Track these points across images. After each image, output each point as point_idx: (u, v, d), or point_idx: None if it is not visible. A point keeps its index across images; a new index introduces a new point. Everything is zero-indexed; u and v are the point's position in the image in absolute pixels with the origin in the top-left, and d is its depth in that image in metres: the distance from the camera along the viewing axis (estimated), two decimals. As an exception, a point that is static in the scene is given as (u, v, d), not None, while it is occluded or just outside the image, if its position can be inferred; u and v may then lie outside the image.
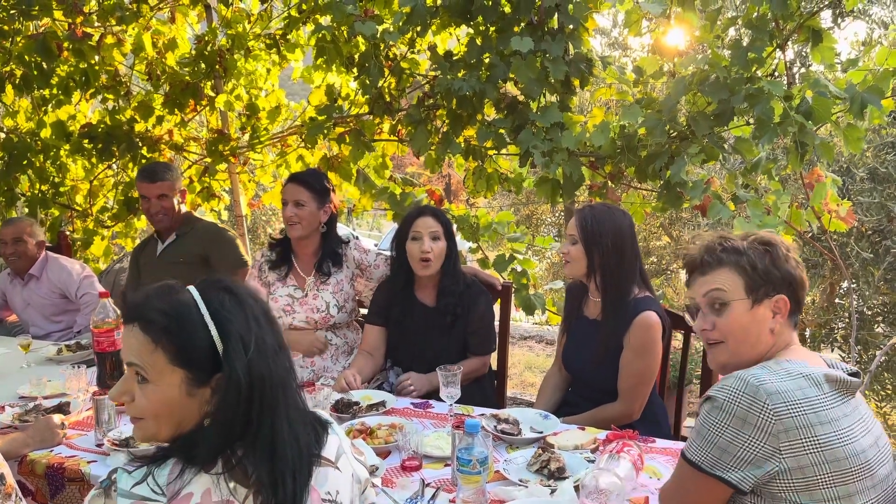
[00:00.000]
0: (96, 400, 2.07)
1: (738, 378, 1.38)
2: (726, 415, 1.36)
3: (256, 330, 1.16)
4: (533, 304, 3.48)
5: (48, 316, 3.63)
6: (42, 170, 4.20)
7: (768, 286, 1.50)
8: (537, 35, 3.01)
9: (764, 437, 1.33)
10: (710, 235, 1.60)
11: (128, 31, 4.01)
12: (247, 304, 1.18)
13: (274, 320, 1.23)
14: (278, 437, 1.14)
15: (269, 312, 1.22)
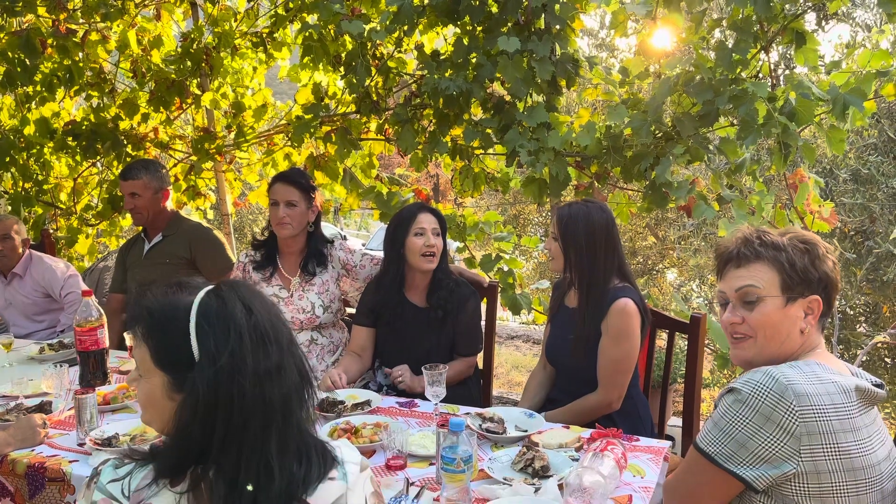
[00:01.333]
0: (78, 399, 2.05)
1: (767, 374, 1.35)
2: (750, 409, 1.33)
3: (236, 347, 1.06)
4: (519, 303, 3.49)
5: (30, 315, 3.59)
6: (25, 167, 4.17)
7: (804, 286, 1.46)
8: (524, 35, 3.02)
9: (786, 437, 1.31)
10: (748, 229, 1.54)
11: (112, 28, 3.98)
12: (234, 318, 1.07)
13: (276, 340, 1.10)
14: (241, 470, 1.03)
15: (266, 332, 1.10)
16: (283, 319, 1.15)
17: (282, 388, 1.08)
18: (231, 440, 1.04)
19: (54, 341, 3.09)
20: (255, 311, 1.10)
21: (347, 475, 1.13)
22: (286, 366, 1.10)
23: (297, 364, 1.13)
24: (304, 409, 1.12)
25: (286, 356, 1.11)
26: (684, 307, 3.95)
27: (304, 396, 1.12)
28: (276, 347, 1.10)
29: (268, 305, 1.14)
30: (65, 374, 2.37)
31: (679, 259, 6.42)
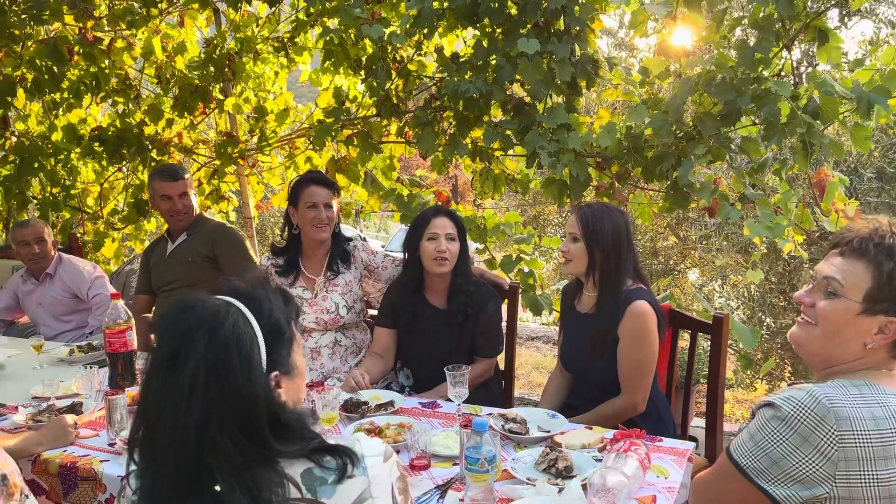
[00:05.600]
0: (109, 400, 2.09)
1: (810, 394, 1.31)
2: (788, 428, 1.30)
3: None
4: (540, 304, 3.49)
5: (58, 315, 3.66)
6: (53, 173, 4.25)
7: (890, 304, 1.36)
8: (543, 37, 3.02)
9: (822, 460, 1.28)
10: (884, 223, 1.42)
11: (137, 35, 4.05)
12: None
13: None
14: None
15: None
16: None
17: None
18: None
19: (83, 343, 3.15)
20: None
21: (368, 469, 1.14)
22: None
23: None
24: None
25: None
26: (708, 307, 3.92)
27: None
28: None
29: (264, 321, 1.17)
30: (94, 376, 2.41)
31: (701, 259, 6.37)
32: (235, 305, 1.13)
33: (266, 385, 1.11)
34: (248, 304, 1.14)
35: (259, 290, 1.19)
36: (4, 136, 4.36)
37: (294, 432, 1.11)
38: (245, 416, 1.07)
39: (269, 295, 1.20)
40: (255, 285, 1.20)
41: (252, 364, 1.10)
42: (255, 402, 1.08)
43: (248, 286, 1.19)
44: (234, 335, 1.09)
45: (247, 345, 1.10)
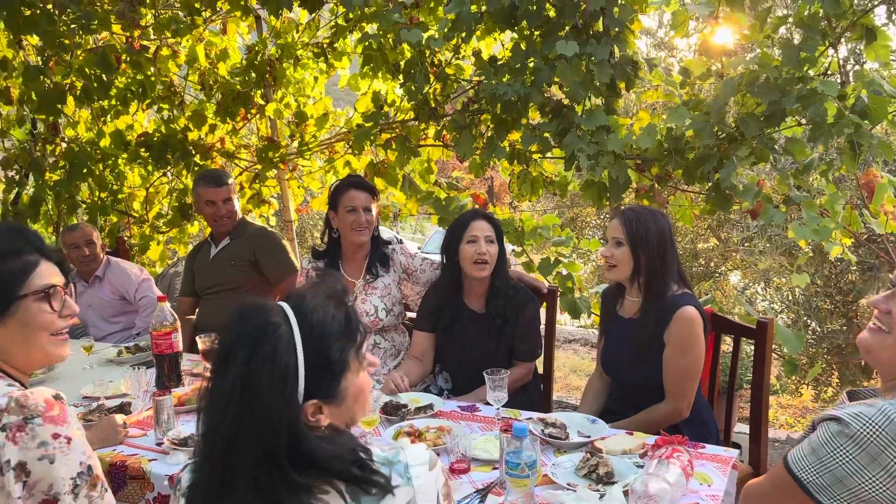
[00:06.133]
0: (156, 401, 2.14)
1: (882, 412, 1.27)
2: (856, 446, 1.26)
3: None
4: (578, 307, 3.48)
5: (107, 317, 3.76)
6: (101, 178, 4.37)
7: None
8: (582, 39, 3.01)
9: (890, 481, 1.24)
10: None
11: (182, 43, 4.15)
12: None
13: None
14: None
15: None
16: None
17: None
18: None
19: (131, 344, 3.23)
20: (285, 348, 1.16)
21: (413, 479, 1.15)
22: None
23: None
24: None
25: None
26: (751, 310, 3.85)
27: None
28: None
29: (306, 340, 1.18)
30: (142, 377, 2.47)
31: (743, 261, 6.26)
32: (288, 325, 1.13)
33: (293, 415, 1.10)
34: (302, 327, 1.13)
35: (320, 313, 1.16)
36: (55, 143, 4.50)
37: (320, 464, 1.10)
38: (267, 441, 1.08)
39: (328, 320, 1.16)
40: (321, 306, 1.17)
41: (282, 393, 1.09)
42: (275, 431, 1.08)
43: (313, 305, 1.17)
44: (271, 358, 1.09)
45: (280, 371, 1.10)
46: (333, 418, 1.17)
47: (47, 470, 1.28)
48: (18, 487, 1.26)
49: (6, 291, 1.38)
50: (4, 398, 1.30)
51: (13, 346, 1.41)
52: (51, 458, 1.28)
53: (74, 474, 1.31)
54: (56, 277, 1.46)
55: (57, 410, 1.32)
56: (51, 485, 1.28)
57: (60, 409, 1.32)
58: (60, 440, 1.30)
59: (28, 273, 1.41)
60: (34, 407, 1.29)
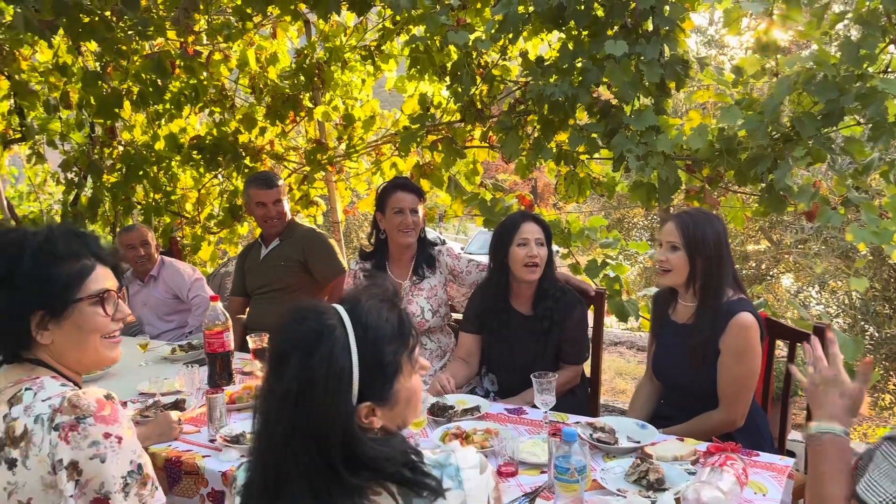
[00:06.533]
0: (209, 398, 2.19)
1: None
2: None
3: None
4: (626, 310, 3.43)
5: (162, 315, 3.87)
6: (156, 180, 4.50)
7: None
8: (631, 38, 2.97)
9: None
10: None
11: (233, 48, 4.23)
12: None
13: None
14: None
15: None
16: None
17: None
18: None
19: (184, 343, 3.31)
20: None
21: (464, 482, 1.15)
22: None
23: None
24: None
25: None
26: (805, 314, 3.75)
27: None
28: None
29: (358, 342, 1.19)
30: (195, 374, 2.53)
31: (796, 264, 6.08)
32: (343, 328, 1.14)
33: (347, 417, 1.12)
34: (356, 329, 1.15)
35: (374, 316, 1.18)
36: (112, 146, 4.64)
37: (373, 467, 1.12)
38: (322, 443, 1.09)
39: (382, 323, 1.18)
40: (375, 309, 1.19)
41: (337, 396, 1.11)
42: (330, 432, 1.09)
43: (367, 308, 1.18)
44: (326, 363, 1.11)
45: (335, 375, 1.11)
46: (386, 421, 1.18)
47: (99, 469, 1.30)
48: (71, 486, 1.28)
49: (63, 294, 1.41)
50: (58, 398, 1.33)
51: (67, 347, 1.44)
52: (102, 458, 1.30)
53: (125, 473, 1.33)
54: (110, 282, 1.49)
55: (108, 410, 1.34)
56: (102, 483, 1.30)
57: (112, 409, 1.35)
58: (111, 439, 1.32)
59: (84, 277, 1.44)
60: (86, 407, 1.32)
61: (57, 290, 1.41)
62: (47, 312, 1.40)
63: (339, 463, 1.09)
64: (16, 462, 1.30)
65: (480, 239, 13.39)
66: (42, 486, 1.30)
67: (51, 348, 1.43)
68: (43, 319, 1.40)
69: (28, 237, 1.42)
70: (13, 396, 1.36)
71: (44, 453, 1.29)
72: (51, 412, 1.31)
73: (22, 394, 1.35)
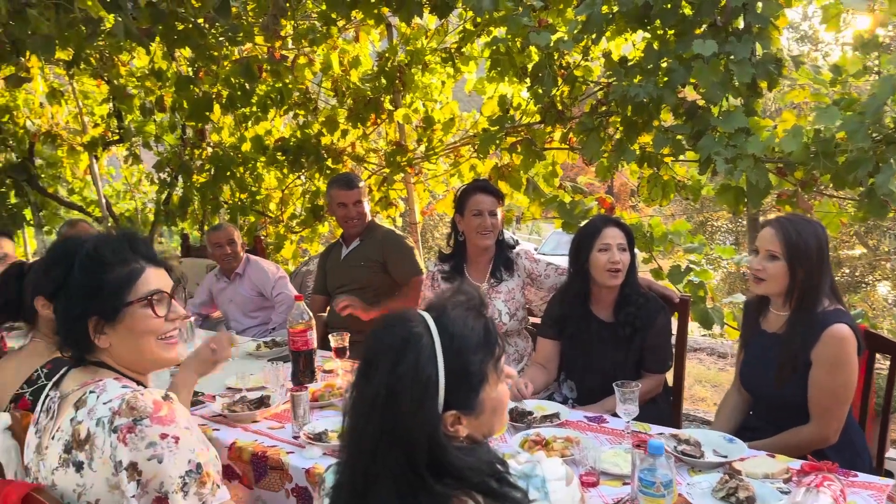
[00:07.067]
0: (293, 395, 2.24)
1: None
2: None
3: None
4: (711, 318, 3.32)
5: (247, 312, 4.00)
6: (242, 180, 4.67)
7: None
8: (721, 37, 2.87)
9: None
10: None
11: (317, 52, 4.34)
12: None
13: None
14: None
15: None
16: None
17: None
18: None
19: (268, 339, 3.40)
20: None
21: (549, 493, 1.15)
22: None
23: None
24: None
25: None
26: (905, 327, 3.53)
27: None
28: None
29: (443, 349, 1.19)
30: (280, 371, 2.60)
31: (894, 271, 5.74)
32: (430, 337, 1.15)
33: (433, 425, 1.12)
34: (443, 338, 1.15)
35: (460, 325, 1.18)
36: (202, 147, 4.84)
37: (459, 475, 1.11)
38: (408, 450, 1.10)
39: (468, 332, 1.18)
40: (461, 317, 1.19)
41: (423, 403, 1.12)
42: (416, 439, 1.10)
43: (454, 317, 1.19)
44: (413, 370, 1.12)
45: (422, 383, 1.12)
46: (472, 429, 1.18)
47: (157, 469, 1.32)
48: (132, 486, 1.31)
49: (113, 299, 1.45)
50: (118, 401, 1.36)
51: (124, 350, 1.48)
52: (159, 458, 1.32)
53: (183, 472, 1.35)
54: (162, 283, 1.51)
55: (165, 411, 1.36)
56: (161, 483, 1.32)
57: (169, 410, 1.37)
58: (168, 440, 1.34)
59: (133, 280, 1.46)
60: (143, 409, 1.34)
61: (107, 295, 1.44)
62: (101, 317, 1.44)
63: (426, 470, 1.10)
64: (82, 465, 1.35)
65: (554, 239, 13.26)
66: (108, 488, 1.33)
67: (110, 351, 1.47)
68: (98, 324, 1.45)
69: (79, 246, 1.47)
70: (79, 400, 1.40)
71: (106, 455, 1.33)
72: (110, 415, 1.34)
73: (86, 397, 1.40)
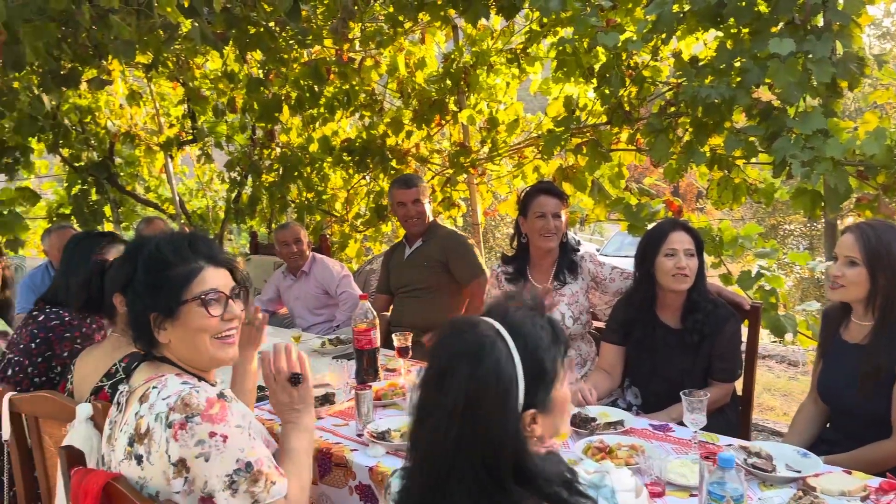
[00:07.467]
0: (358, 394, 2.28)
1: None
2: None
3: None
4: (783, 326, 3.21)
5: (312, 309, 4.09)
6: (309, 180, 4.77)
7: None
8: (798, 35, 2.77)
9: None
10: None
11: (384, 54, 4.39)
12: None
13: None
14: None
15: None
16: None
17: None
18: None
19: (333, 337, 3.46)
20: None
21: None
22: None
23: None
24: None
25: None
26: None
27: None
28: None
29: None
30: (344, 369, 2.65)
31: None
32: (503, 339, 1.15)
33: (517, 427, 1.12)
34: (516, 339, 1.15)
35: (529, 325, 1.19)
36: (271, 148, 4.97)
37: (535, 481, 1.11)
38: (490, 454, 1.09)
39: (538, 331, 1.19)
40: (527, 318, 1.20)
41: (507, 405, 1.11)
42: (502, 443, 1.10)
43: (520, 318, 1.19)
44: (495, 372, 1.12)
45: (505, 384, 1.12)
46: (544, 429, 1.18)
47: (203, 467, 1.34)
48: (179, 483, 1.34)
49: (171, 297, 1.49)
50: (174, 396, 1.39)
51: (182, 346, 1.52)
52: (206, 457, 1.34)
53: (230, 471, 1.35)
54: (221, 283, 1.54)
55: (217, 409, 1.37)
56: (206, 482, 1.34)
57: (221, 408, 1.38)
58: (216, 438, 1.35)
59: (190, 280, 1.50)
60: (195, 406, 1.36)
61: (166, 293, 1.49)
62: (161, 313, 1.50)
63: (507, 474, 1.09)
64: (142, 458, 1.38)
65: (617, 240, 13.02)
66: (165, 481, 1.36)
67: (170, 347, 1.52)
68: (158, 319, 1.50)
69: (143, 246, 1.53)
70: (143, 394, 1.44)
71: (161, 450, 1.36)
72: (167, 410, 1.37)
73: (150, 391, 1.44)
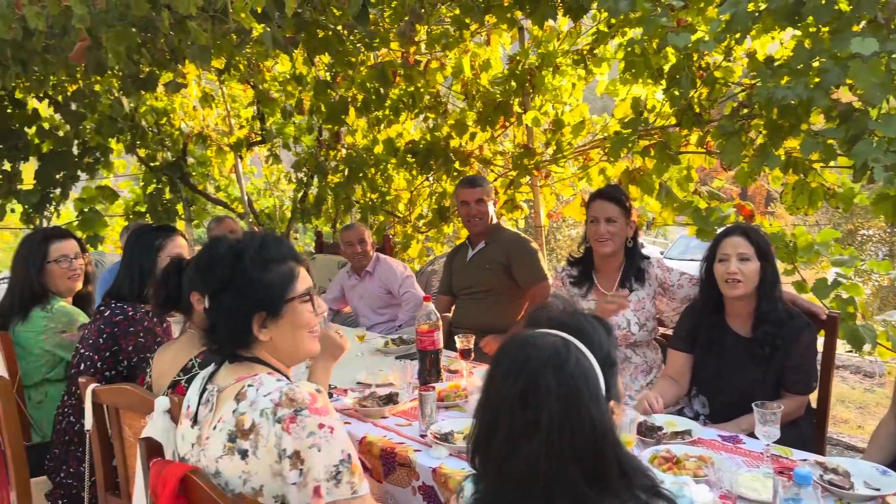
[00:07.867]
0: (422, 395, 2.30)
1: None
2: None
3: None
4: (862, 336, 3.07)
5: (375, 309, 4.14)
6: (373, 181, 4.84)
7: None
8: (882, 34, 2.65)
9: None
10: None
11: (449, 56, 4.41)
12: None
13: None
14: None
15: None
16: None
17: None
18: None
19: (396, 337, 3.50)
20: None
21: None
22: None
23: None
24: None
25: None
26: None
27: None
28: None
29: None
30: (408, 369, 2.67)
31: None
32: (571, 340, 1.17)
33: (611, 420, 1.14)
34: (580, 338, 1.17)
35: (585, 322, 1.22)
36: (337, 149, 5.06)
37: (632, 472, 1.12)
38: (593, 451, 1.09)
39: (595, 326, 1.22)
40: (578, 316, 1.23)
41: (599, 397, 1.13)
42: (604, 434, 1.10)
43: (572, 319, 1.22)
44: (580, 369, 1.13)
45: (593, 377, 1.14)
46: (618, 420, 1.20)
47: (316, 457, 1.39)
48: (294, 474, 1.39)
49: (280, 295, 1.55)
50: (276, 393, 1.44)
51: (283, 343, 1.57)
52: (318, 447, 1.39)
53: (337, 461, 1.40)
54: (309, 281, 1.63)
55: (321, 402, 1.43)
56: (318, 472, 1.39)
57: (323, 402, 1.44)
58: (325, 430, 1.41)
59: (294, 277, 1.57)
60: (302, 400, 1.42)
61: (275, 291, 1.55)
62: (268, 312, 1.54)
63: (615, 467, 1.10)
64: (247, 453, 1.43)
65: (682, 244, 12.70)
66: (271, 474, 1.42)
67: (268, 345, 1.57)
68: (262, 317, 1.54)
69: (246, 245, 1.57)
70: (238, 393, 1.49)
71: (270, 444, 1.41)
72: (272, 406, 1.42)
73: (246, 390, 1.48)
